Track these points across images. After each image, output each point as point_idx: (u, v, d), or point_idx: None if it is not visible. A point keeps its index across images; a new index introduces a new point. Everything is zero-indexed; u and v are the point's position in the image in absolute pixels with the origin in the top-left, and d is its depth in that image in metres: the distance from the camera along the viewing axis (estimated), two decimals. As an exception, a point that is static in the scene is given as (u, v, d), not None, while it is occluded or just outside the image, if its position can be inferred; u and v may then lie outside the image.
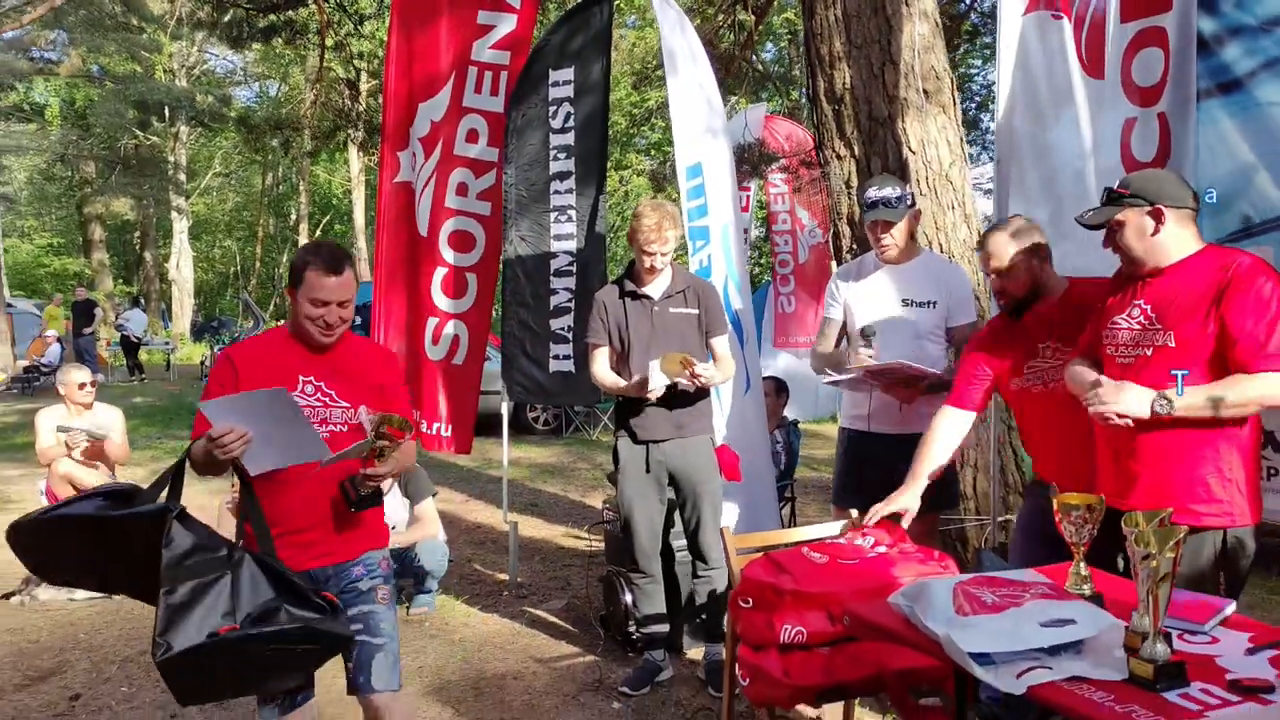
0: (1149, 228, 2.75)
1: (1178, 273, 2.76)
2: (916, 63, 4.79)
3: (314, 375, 2.87)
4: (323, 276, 2.79)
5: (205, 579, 2.50)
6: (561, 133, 5.27)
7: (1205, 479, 2.70)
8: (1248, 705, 1.93)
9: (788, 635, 2.89)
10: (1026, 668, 2.06)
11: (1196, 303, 2.69)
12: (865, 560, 3.01)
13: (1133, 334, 2.81)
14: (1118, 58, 3.65)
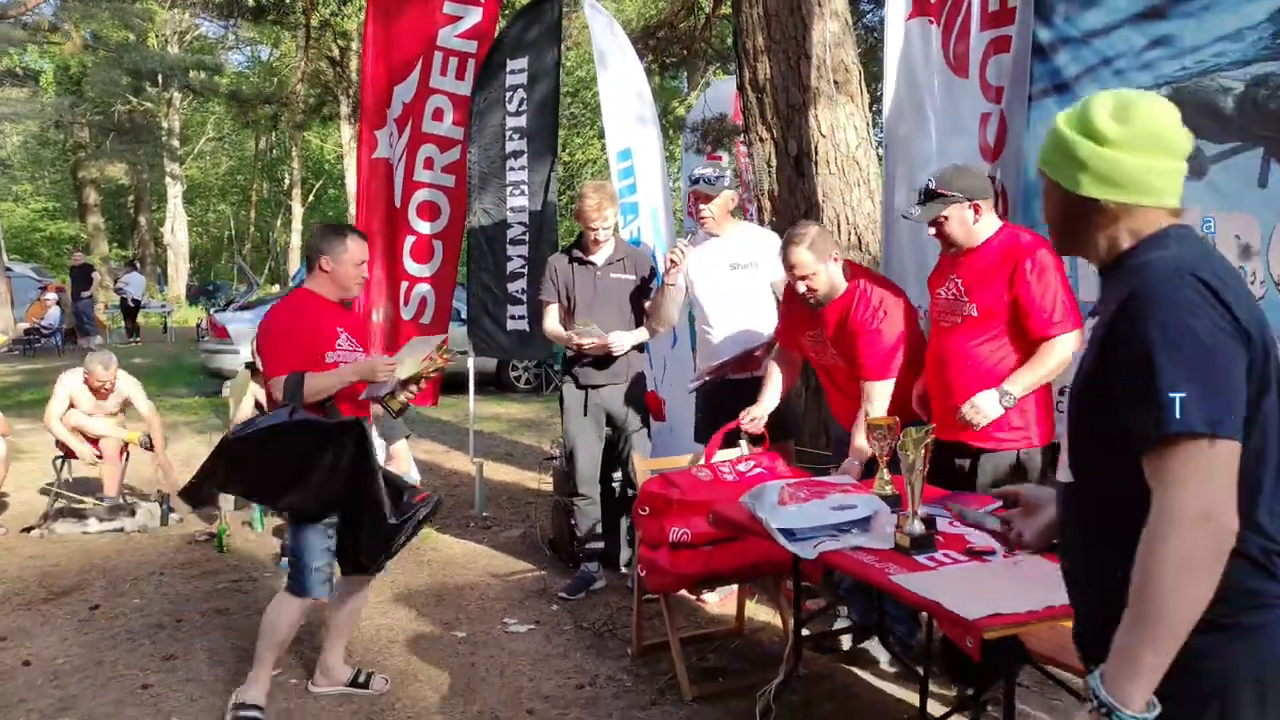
0: (970, 218, 3.45)
1: (982, 252, 3.47)
2: (828, 56, 5.42)
3: (343, 326, 3.69)
4: (360, 244, 3.67)
5: (381, 474, 3.49)
6: (516, 115, 5.94)
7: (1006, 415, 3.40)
8: (972, 563, 2.65)
9: (676, 535, 3.60)
10: (820, 540, 2.77)
11: (995, 279, 3.38)
12: (742, 478, 3.71)
13: (948, 303, 3.55)
14: (977, 61, 4.30)
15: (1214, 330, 1.45)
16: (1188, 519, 1.40)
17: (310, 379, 3.46)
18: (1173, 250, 1.56)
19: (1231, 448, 1.42)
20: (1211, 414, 1.41)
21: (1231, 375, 1.44)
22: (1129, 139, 1.57)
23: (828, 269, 3.73)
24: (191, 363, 15.71)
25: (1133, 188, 1.58)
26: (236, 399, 6.72)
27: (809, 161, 5.36)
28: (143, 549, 5.99)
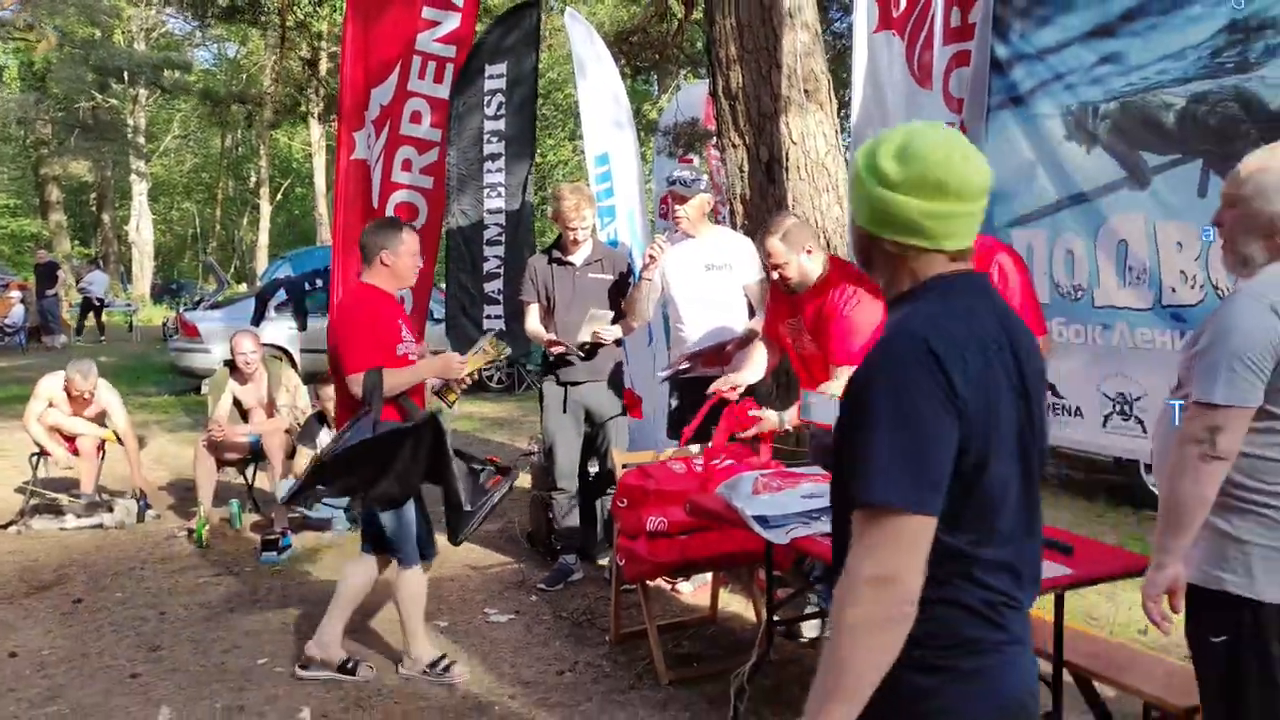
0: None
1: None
2: (799, 66, 5.60)
3: (401, 318, 3.96)
4: (414, 236, 3.99)
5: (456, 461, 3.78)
6: (494, 119, 6.09)
7: None
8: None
9: (653, 525, 3.77)
10: (792, 527, 2.95)
11: None
12: (714, 470, 3.88)
13: None
14: (940, 73, 4.51)
15: (926, 404, 1.46)
16: (868, 582, 1.43)
17: (389, 376, 3.69)
18: (923, 307, 1.57)
19: (924, 522, 1.45)
20: (906, 490, 1.43)
21: (934, 452, 1.46)
22: (905, 181, 1.55)
23: (799, 259, 3.88)
24: (159, 361, 15.67)
25: (906, 230, 1.58)
26: (215, 396, 6.79)
27: (779, 167, 5.54)
28: (122, 545, 6.07)
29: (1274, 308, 2.08)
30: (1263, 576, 2.14)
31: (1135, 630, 4.34)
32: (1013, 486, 1.57)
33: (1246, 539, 2.15)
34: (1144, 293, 3.75)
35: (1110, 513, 6.40)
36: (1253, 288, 2.15)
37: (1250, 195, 2.21)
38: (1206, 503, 2.14)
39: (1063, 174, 4.03)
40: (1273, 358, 2.07)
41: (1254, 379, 2.08)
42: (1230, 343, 2.09)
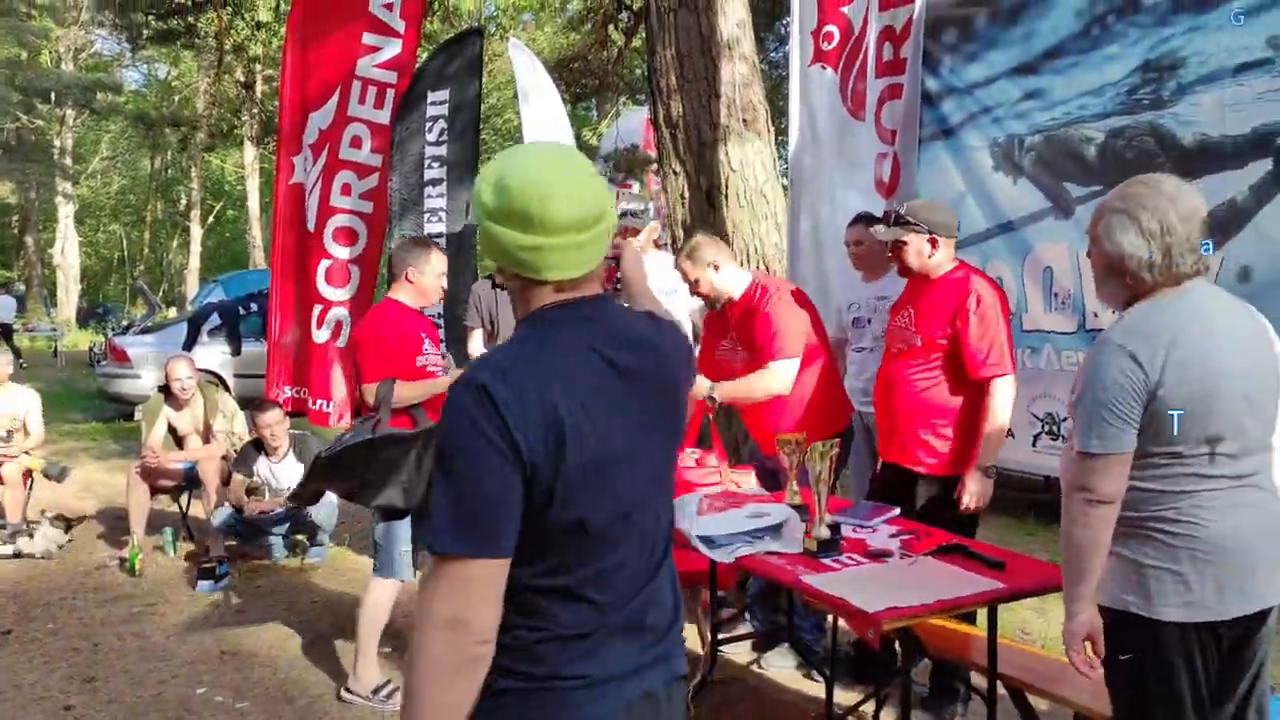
0: (926, 250, 3.60)
1: (937, 286, 3.61)
2: (737, 96, 5.74)
3: (425, 332, 4.09)
4: (442, 257, 4.15)
5: None
6: (436, 145, 6.13)
7: (931, 442, 3.62)
8: (872, 564, 2.93)
9: None
10: (736, 546, 3.02)
11: (941, 314, 3.55)
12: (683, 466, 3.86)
13: (899, 330, 3.73)
14: (873, 105, 4.67)
15: (479, 453, 1.45)
16: (440, 626, 1.45)
17: (400, 387, 3.83)
18: (508, 346, 1.59)
19: (489, 566, 1.46)
20: (467, 539, 1.45)
21: (489, 498, 1.46)
22: (498, 211, 1.55)
23: (708, 274, 3.98)
24: (85, 388, 15.30)
25: (508, 260, 1.58)
26: (149, 422, 6.67)
27: (719, 195, 5.66)
28: (51, 575, 5.93)
29: (1133, 355, 2.13)
30: (1159, 597, 2.21)
31: (1065, 644, 4.49)
32: (624, 519, 1.57)
33: (1144, 562, 2.22)
34: (1069, 317, 3.91)
35: (1041, 530, 6.58)
36: (1113, 335, 2.21)
37: (1102, 235, 2.26)
38: (1100, 546, 2.21)
39: (991, 203, 4.20)
40: (1138, 403, 2.14)
41: (1124, 425, 2.15)
42: (1097, 394, 2.16)
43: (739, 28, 5.81)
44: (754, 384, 3.87)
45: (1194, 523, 2.18)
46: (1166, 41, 3.53)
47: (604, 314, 1.63)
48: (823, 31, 4.87)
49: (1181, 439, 2.15)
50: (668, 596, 1.67)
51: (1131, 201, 2.22)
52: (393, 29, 6.40)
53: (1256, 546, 2.22)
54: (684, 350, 1.76)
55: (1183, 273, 2.20)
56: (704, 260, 3.98)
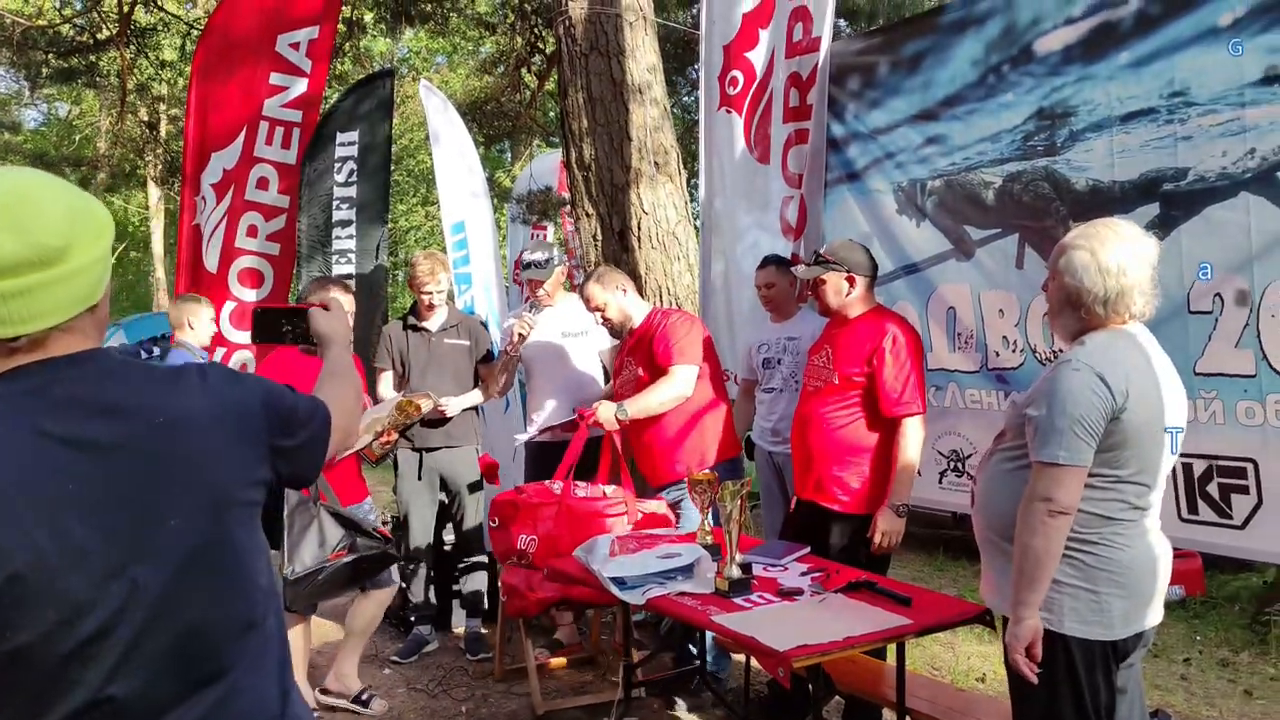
0: (844, 288, 3.66)
1: (854, 326, 3.66)
2: (649, 140, 5.80)
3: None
4: (347, 299, 4.16)
5: (306, 522, 3.70)
6: (345, 186, 6.06)
7: (846, 480, 3.63)
8: (783, 602, 2.94)
9: (524, 543, 3.71)
10: (648, 587, 3.01)
11: (857, 353, 3.58)
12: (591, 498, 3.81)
13: (817, 369, 3.76)
14: (779, 149, 4.75)
15: None
16: None
17: None
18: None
19: None
20: None
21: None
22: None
23: (616, 299, 4.12)
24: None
25: None
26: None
27: (632, 236, 5.69)
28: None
29: (1101, 376, 2.26)
30: (1071, 614, 2.34)
31: (974, 678, 4.56)
32: (100, 639, 1.25)
33: (1059, 579, 2.33)
34: (971, 356, 4.01)
35: (950, 566, 6.70)
36: (1080, 357, 2.32)
37: (1062, 269, 2.42)
38: (1055, 556, 2.31)
39: (896, 245, 4.29)
40: (1104, 423, 2.26)
41: (1090, 441, 2.26)
42: (1069, 409, 2.25)
43: (650, 73, 5.89)
44: (657, 392, 3.96)
45: (1114, 547, 2.32)
46: (1058, 90, 3.67)
47: (63, 378, 1.30)
48: (728, 77, 4.96)
49: (1124, 465, 2.29)
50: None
51: (1094, 240, 2.38)
52: (299, 68, 6.33)
53: (1155, 573, 2.38)
54: (239, 409, 1.42)
55: (1133, 313, 2.37)
56: (613, 284, 4.09)
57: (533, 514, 3.71)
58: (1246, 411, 3.18)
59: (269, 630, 1.44)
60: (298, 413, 1.52)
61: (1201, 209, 3.26)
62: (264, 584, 1.44)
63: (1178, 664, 4.81)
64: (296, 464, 1.51)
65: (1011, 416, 2.53)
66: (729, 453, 4.13)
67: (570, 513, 3.66)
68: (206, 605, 1.34)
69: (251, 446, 1.42)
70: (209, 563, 1.34)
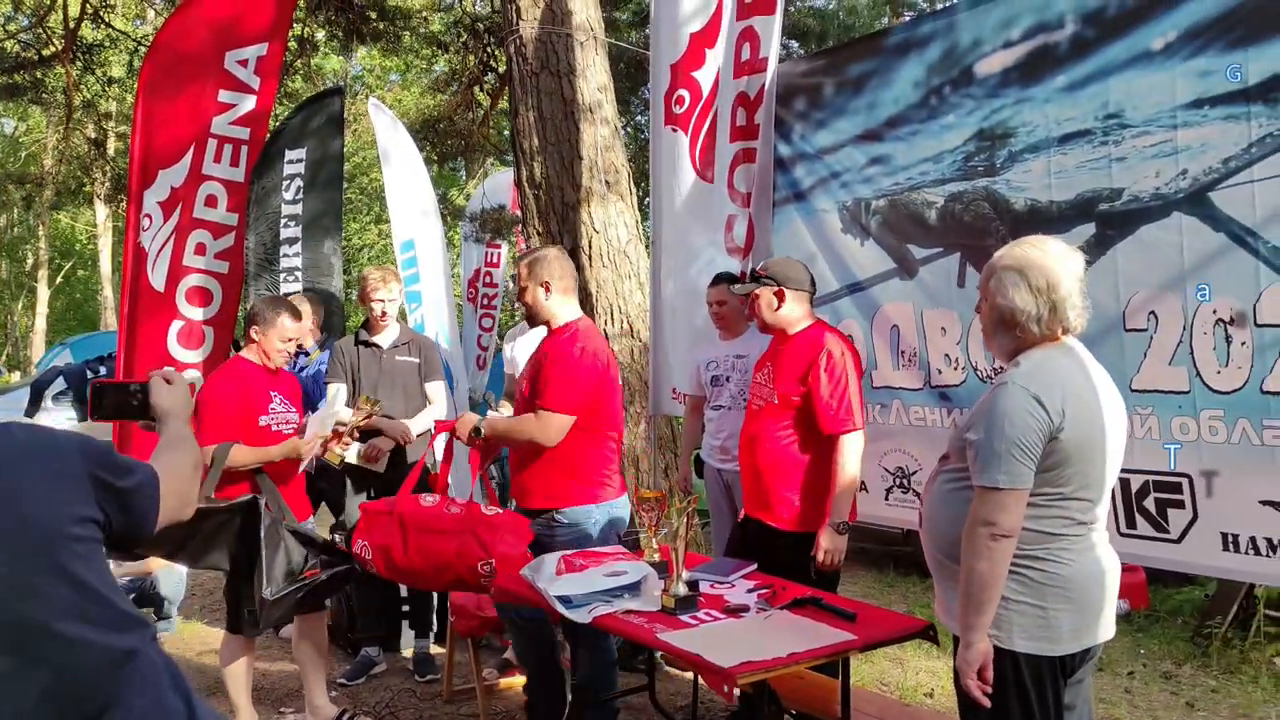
0: (773, 303, 3.70)
1: (793, 343, 3.70)
2: (600, 159, 5.84)
3: (276, 390, 4.16)
4: (293, 321, 4.14)
5: (276, 543, 3.71)
6: (292, 203, 6.01)
7: (791, 498, 3.65)
8: (729, 619, 2.94)
9: (360, 548, 3.56)
10: (594, 605, 2.99)
11: (795, 370, 3.62)
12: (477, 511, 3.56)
13: (760, 387, 3.80)
14: (725, 168, 4.78)
15: None
16: None
17: (235, 452, 3.90)
18: None
19: None
20: None
21: None
22: None
23: (538, 291, 3.73)
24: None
25: None
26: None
27: (583, 255, 5.71)
28: None
29: (1038, 398, 2.29)
30: (1019, 630, 2.36)
31: (922, 693, 4.59)
32: None
33: (1007, 596, 2.36)
34: (915, 374, 4.05)
35: (900, 582, 6.75)
36: (1016, 378, 2.34)
37: (994, 290, 2.46)
38: (1000, 579, 2.32)
39: (841, 264, 4.33)
40: (1041, 444, 2.29)
41: (1029, 463, 2.28)
42: (1006, 432, 2.28)
43: (601, 92, 5.93)
44: (521, 427, 3.65)
45: (1060, 562, 2.35)
46: (998, 112, 3.73)
47: None
48: (675, 95, 4.98)
49: (1066, 483, 2.32)
50: None
51: (1021, 260, 2.42)
52: (248, 85, 6.26)
53: (1102, 587, 2.41)
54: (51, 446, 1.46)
55: (1067, 328, 2.41)
56: (540, 277, 3.74)
57: (371, 522, 3.59)
58: (1181, 427, 3.24)
59: (149, 653, 1.47)
60: (115, 455, 1.55)
61: (1136, 228, 3.33)
62: (127, 610, 1.47)
63: (1122, 677, 4.87)
64: (127, 511, 1.53)
65: (953, 439, 2.56)
66: (597, 498, 3.71)
67: (402, 521, 3.49)
68: (64, 650, 1.33)
69: (71, 482, 1.43)
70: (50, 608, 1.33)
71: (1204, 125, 3.17)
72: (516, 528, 3.45)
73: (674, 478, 5.38)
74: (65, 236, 36.48)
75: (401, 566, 3.48)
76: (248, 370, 4.13)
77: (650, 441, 5.39)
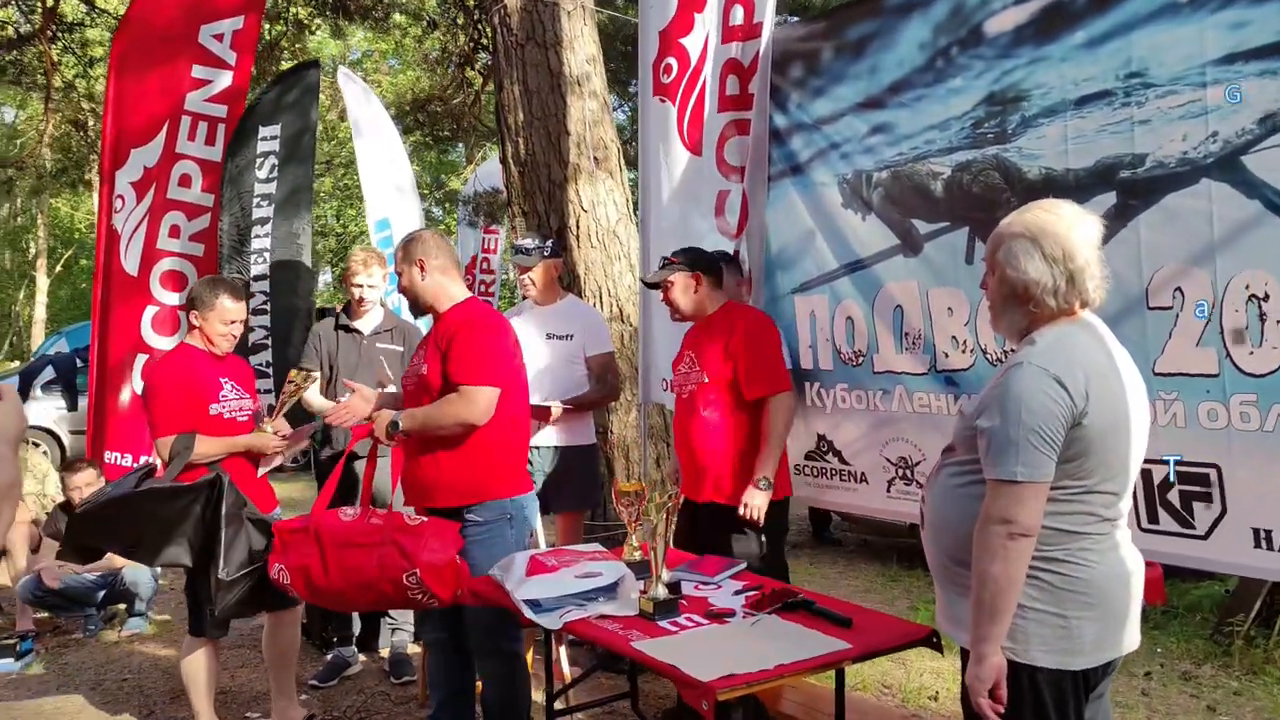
0: (691, 287, 3.77)
1: (708, 323, 3.77)
2: (588, 134, 5.56)
3: (226, 375, 3.91)
4: (233, 302, 3.85)
5: (237, 529, 3.58)
6: (265, 182, 5.74)
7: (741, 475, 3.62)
8: (712, 625, 2.68)
9: (277, 573, 3.21)
10: (566, 610, 2.74)
11: (716, 345, 3.68)
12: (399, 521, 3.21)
13: (684, 375, 3.82)
14: (714, 141, 4.50)
15: None
16: None
17: (200, 444, 3.67)
18: None
19: None
20: None
21: None
22: None
23: (413, 272, 3.39)
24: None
25: None
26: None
27: (570, 235, 5.44)
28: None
29: (1058, 378, 2.02)
30: (1037, 642, 2.10)
31: (926, 696, 4.32)
32: None
33: (1024, 604, 2.10)
34: (920, 358, 3.78)
35: (904, 576, 6.48)
36: (1033, 358, 2.08)
37: (1003, 261, 2.18)
38: (1017, 583, 2.06)
39: (841, 241, 4.06)
40: (1063, 431, 2.02)
41: (1049, 452, 2.02)
42: (1023, 419, 2.02)
43: (589, 64, 5.65)
44: (443, 410, 3.22)
45: (1081, 565, 2.09)
46: (1009, 74, 3.45)
47: None
48: (663, 64, 4.68)
49: (1089, 474, 2.07)
50: None
51: (1033, 226, 2.15)
52: (223, 60, 6.00)
53: (1128, 591, 2.17)
54: None
55: (1085, 300, 2.15)
56: (414, 256, 3.39)
57: (285, 541, 3.23)
58: (1209, 414, 2.97)
59: None
60: None
61: (1161, 197, 3.04)
62: None
63: (1138, 678, 4.60)
64: None
65: (960, 428, 2.28)
66: (511, 491, 3.36)
67: (319, 537, 3.15)
68: None
69: None
70: None
71: (1236, 82, 2.88)
72: (441, 532, 3.10)
73: (665, 468, 5.13)
74: (65, 224, 36.31)
75: (322, 588, 3.15)
76: (193, 356, 3.86)
77: (641, 431, 5.12)
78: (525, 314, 4.51)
